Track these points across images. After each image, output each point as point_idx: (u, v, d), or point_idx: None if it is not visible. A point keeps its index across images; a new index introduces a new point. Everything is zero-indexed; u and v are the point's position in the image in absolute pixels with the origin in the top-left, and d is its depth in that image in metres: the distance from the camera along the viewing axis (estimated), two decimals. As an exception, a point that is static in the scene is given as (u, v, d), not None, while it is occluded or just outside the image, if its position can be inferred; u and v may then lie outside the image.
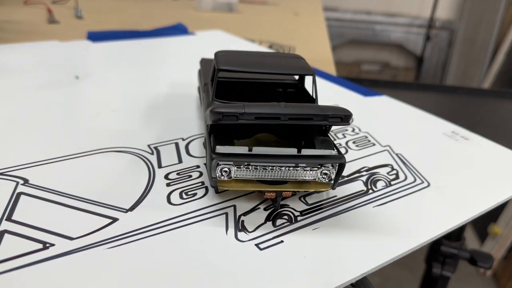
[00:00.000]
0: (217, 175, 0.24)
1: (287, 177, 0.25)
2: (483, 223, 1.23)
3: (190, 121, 0.38)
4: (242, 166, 0.24)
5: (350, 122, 0.25)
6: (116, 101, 0.41)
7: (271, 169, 0.24)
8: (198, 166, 0.31)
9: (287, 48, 0.73)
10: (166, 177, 0.29)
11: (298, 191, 0.27)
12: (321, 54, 0.72)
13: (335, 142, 0.36)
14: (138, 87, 0.46)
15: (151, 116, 0.39)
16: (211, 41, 0.69)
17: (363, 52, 2.24)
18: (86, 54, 0.57)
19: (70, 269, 0.20)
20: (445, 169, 0.34)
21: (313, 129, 0.27)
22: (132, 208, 0.25)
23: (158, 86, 0.46)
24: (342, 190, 0.29)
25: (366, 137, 0.38)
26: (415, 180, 0.31)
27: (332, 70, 0.61)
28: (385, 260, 0.23)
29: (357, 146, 0.36)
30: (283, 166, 0.24)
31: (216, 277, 0.21)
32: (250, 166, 0.24)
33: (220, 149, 0.24)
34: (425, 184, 0.31)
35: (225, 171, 0.24)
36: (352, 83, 0.53)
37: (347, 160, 0.32)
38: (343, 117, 0.23)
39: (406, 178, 0.32)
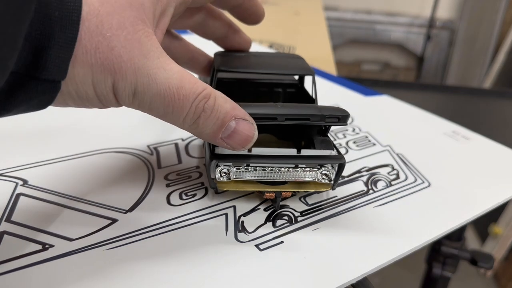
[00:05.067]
0: (217, 176, 0.24)
1: (287, 178, 0.25)
2: (484, 223, 1.23)
3: (190, 122, 0.38)
4: (241, 167, 0.24)
5: (347, 122, 0.25)
6: (116, 102, 0.41)
7: (270, 170, 0.24)
8: (197, 167, 0.31)
9: (287, 48, 0.73)
10: (165, 177, 0.29)
11: (298, 192, 0.27)
12: (322, 54, 0.72)
13: (335, 142, 0.36)
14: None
15: (151, 116, 0.38)
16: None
17: (363, 52, 2.23)
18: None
19: (70, 270, 0.20)
20: (446, 169, 0.34)
21: (313, 129, 0.27)
22: (131, 209, 0.25)
23: (158, 86, 0.46)
24: (342, 190, 0.29)
25: (367, 137, 0.38)
26: (415, 180, 0.31)
27: (332, 70, 0.61)
28: (385, 261, 0.23)
29: (357, 146, 0.36)
30: (283, 167, 0.24)
31: (216, 277, 0.21)
32: (249, 167, 0.24)
33: (219, 150, 0.24)
34: (426, 184, 0.31)
35: (224, 172, 0.24)
36: (353, 83, 0.53)
37: (347, 160, 0.32)
38: (341, 117, 0.23)
39: (406, 178, 0.32)
